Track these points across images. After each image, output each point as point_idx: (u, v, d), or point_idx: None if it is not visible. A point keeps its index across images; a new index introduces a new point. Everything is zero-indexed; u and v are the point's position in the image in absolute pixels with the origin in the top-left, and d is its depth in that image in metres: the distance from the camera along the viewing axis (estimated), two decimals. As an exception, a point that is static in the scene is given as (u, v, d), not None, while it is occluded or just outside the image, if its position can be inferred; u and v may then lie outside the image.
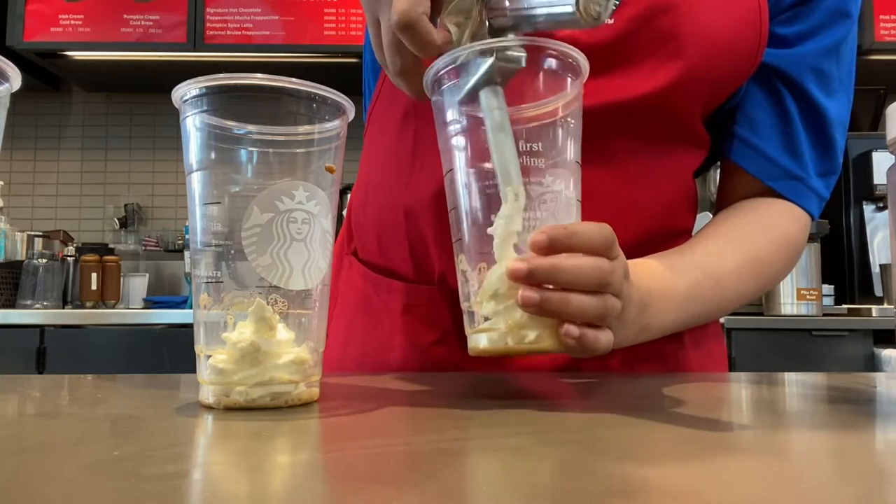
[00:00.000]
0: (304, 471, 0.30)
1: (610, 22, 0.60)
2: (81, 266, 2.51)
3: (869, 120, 2.75)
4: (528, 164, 0.46)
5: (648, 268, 0.58)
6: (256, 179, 0.42)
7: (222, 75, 0.42)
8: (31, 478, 0.27)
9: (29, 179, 2.99)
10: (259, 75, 0.42)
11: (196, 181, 0.43)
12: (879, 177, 2.37)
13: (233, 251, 0.42)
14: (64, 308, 2.48)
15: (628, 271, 0.50)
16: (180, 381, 0.56)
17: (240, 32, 2.56)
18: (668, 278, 0.58)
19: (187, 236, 2.38)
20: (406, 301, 0.68)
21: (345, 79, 2.61)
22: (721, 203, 0.73)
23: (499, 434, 0.37)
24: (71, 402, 0.48)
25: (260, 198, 0.42)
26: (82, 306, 2.49)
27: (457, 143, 0.48)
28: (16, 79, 0.41)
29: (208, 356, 0.42)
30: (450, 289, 0.66)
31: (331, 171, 0.45)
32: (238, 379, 0.41)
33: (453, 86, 0.48)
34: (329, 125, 0.45)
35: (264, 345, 0.41)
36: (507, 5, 0.48)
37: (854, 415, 0.43)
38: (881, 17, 2.52)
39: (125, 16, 2.56)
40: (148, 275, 2.75)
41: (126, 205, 2.94)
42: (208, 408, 0.42)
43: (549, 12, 0.47)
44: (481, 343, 0.46)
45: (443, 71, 0.48)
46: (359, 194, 0.76)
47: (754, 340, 2.06)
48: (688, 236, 0.71)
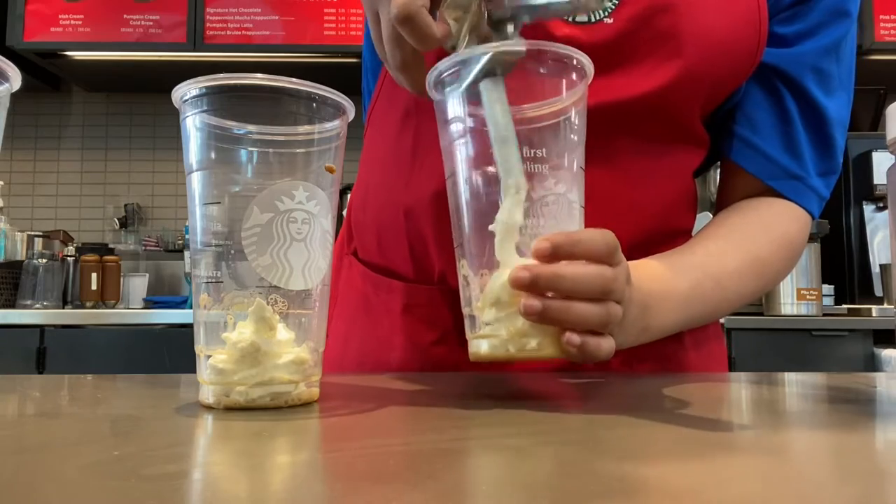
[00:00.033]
0: (304, 471, 0.30)
1: (609, 21, 0.61)
2: (81, 266, 2.51)
3: (869, 120, 2.75)
4: (531, 167, 0.46)
5: (649, 269, 0.58)
6: (256, 179, 0.42)
7: (222, 75, 0.42)
8: (31, 478, 0.27)
9: (29, 179, 2.99)
10: (259, 75, 0.42)
11: (196, 181, 0.43)
12: (879, 177, 2.37)
13: (233, 251, 0.42)
14: (64, 308, 2.48)
15: (630, 275, 0.49)
16: (180, 381, 0.56)
17: (240, 32, 2.56)
18: (668, 279, 0.58)
19: (187, 236, 2.38)
20: (406, 301, 0.68)
21: (345, 79, 2.61)
22: (721, 203, 0.73)
23: (499, 434, 0.37)
24: (71, 402, 0.48)
25: (260, 198, 0.42)
26: (82, 306, 2.49)
27: (459, 148, 0.48)
28: (16, 79, 0.41)
29: (208, 356, 0.42)
30: (450, 288, 0.66)
31: (331, 171, 0.45)
32: (238, 379, 0.41)
33: (455, 88, 0.48)
34: (329, 125, 0.45)
35: (264, 345, 0.41)
36: None
37: (854, 415, 0.43)
38: (881, 17, 2.52)
39: (125, 16, 2.56)
40: (148, 275, 2.75)
41: (126, 205, 2.94)
42: (208, 408, 0.42)
43: (548, 1, 0.46)
44: (482, 349, 0.46)
45: (445, 73, 0.47)
46: (359, 194, 0.76)
47: (754, 340, 2.06)
48: (688, 236, 0.71)
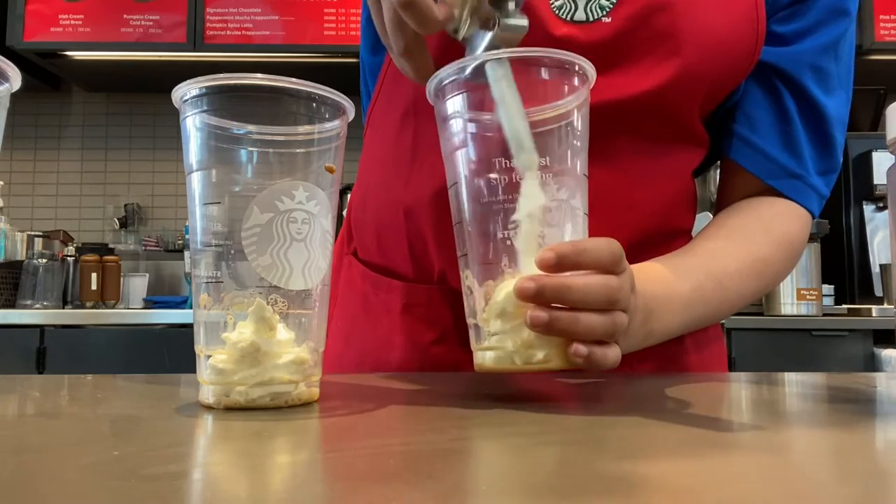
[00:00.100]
0: (304, 471, 0.30)
1: (607, 21, 0.61)
2: (81, 266, 2.51)
3: (869, 120, 2.75)
4: None
5: (651, 272, 0.58)
6: (256, 179, 0.42)
7: (222, 75, 0.42)
8: (31, 478, 0.27)
9: (29, 179, 2.99)
10: (259, 75, 0.42)
11: (196, 181, 0.43)
12: (879, 177, 2.37)
13: (233, 251, 0.42)
14: (64, 308, 2.48)
15: (634, 282, 0.49)
16: (180, 381, 0.56)
17: (240, 32, 2.56)
18: (670, 282, 0.58)
19: (187, 236, 2.37)
20: (405, 300, 0.68)
21: (345, 79, 2.60)
22: (721, 203, 0.73)
23: (499, 434, 0.37)
24: (71, 402, 0.48)
25: (260, 198, 0.42)
26: (82, 306, 2.49)
27: (461, 156, 0.47)
28: (16, 79, 0.41)
29: (208, 356, 0.42)
30: (449, 288, 0.66)
31: (331, 171, 0.45)
32: (238, 379, 0.41)
33: (458, 96, 0.47)
34: (329, 125, 0.45)
35: (264, 345, 0.41)
36: None
37: (854, 415, 0.43)
38: (881, 17, 2.52)
39: (125, 16, 2.56)
40: (148, 275, 2.75)
41: (126, 205, 2.94)
42: (208, 408, 0.42)
43: None
44: (488, 361, 0.46)
45: (446, 81, 0.47)
46: (358, 194, 0.76)
47: (754, 340, 2.06)
48: (687, 236, 0.71)
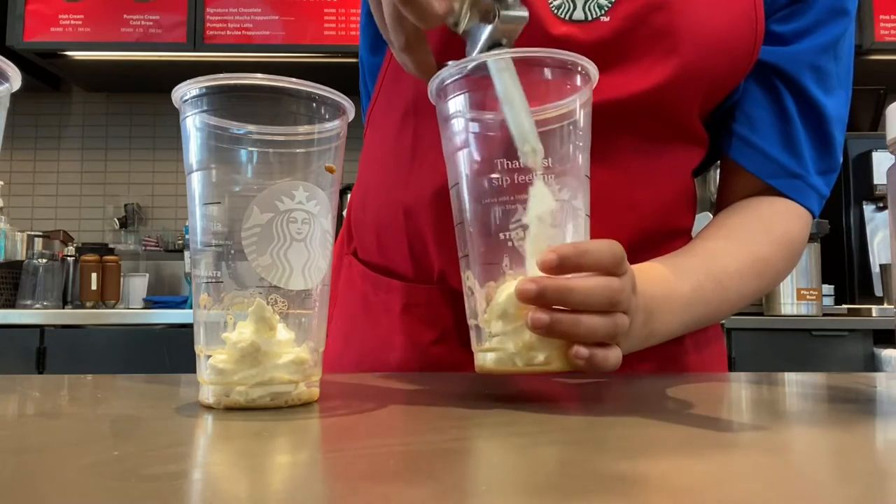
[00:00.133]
0: (304, 471, 0.30)
1: (606, 20, 0.61)
2: (81, 266, 2.51)
3: (869, 120, 2.75)
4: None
5: (652, 272, 0.58)
6: (256, 179, 0.42)
7: (222, 75, 0.42)
8: (31, 478, 0.27)
9: (29, 179, 2.99)
10: (259, 75, 0.42)
11: (196, 181, 0.43)
12: (879, 177, 2.37)
13: (233, 251, 0.42)
14: (64, 308, 2.48)
15: (635, 284, 0.49)
16: (180, 381, 0.56)
17: (240, 32, 2.56)
18: (671, 282, 0.58)
19: (187, 236, 2.37)
20: (405, 300, 0.68)
21: (345, 79, 2.60)
22: (721, 202, 0.73)
23: (498, 434, 0.37)
24: (71, 402, 0.48)
25: (260, 198, 0.42)
26: (82, 306, 2.49)
27: (463, 156, 0.47)
28: (16, 79, 0.41)
29: (208, 356, 0.42)
30: (449, 288, 0.66)
31: (331, 171, 0.45)
32: (238, 379, 0.41)
33: (460, 96, 0.47)
34: (329, 125, 0.45)
35: (264, 345, 0.41)
36: None
37: (854, 415, 0.43)
38: (881, 17, 2.52)
39: (125, 16, 2.56)
40: (148, 275, 2.75)
41: (126, 205, 2.94)
42: (208, 408, 0.42)
43: None
44: (489, 362, 0.46)
45: (448, 81, 0.47)
46: (358, 194, 0.76)
47: (754, 340, 2.06)
48: (687, 235, 0.71)
